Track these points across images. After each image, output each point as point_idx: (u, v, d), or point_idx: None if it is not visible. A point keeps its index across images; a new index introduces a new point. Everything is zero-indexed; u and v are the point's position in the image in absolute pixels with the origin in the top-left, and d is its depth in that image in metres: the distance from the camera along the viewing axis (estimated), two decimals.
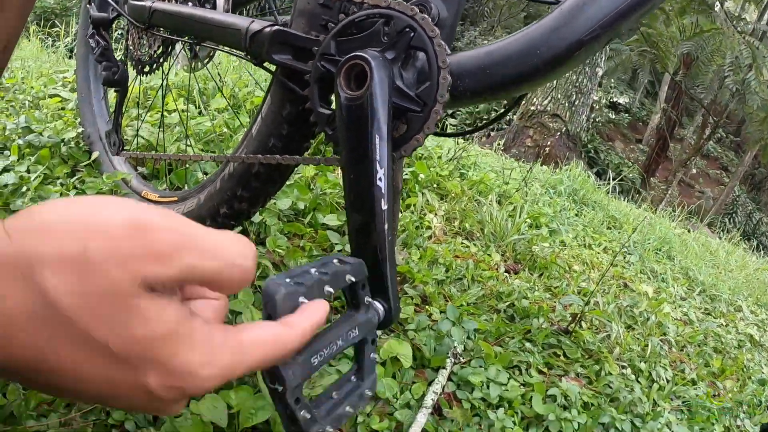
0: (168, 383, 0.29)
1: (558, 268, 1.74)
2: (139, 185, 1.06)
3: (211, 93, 1.76)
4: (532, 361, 1.19)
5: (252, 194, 0.85)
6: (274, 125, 0.78)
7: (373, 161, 0.59)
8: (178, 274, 0.29)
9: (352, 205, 0.62)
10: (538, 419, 1.05)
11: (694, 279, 2.33)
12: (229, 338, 0.32)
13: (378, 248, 0.60)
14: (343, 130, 0.61)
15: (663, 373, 1.38)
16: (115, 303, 0.27)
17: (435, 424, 0.93)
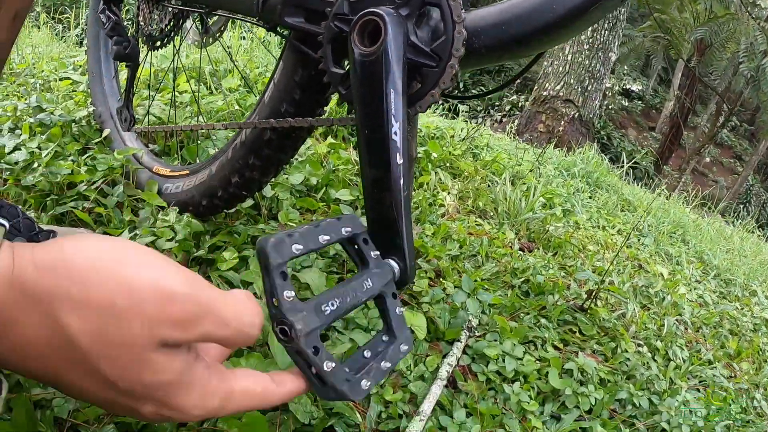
0: (160, 415, 0.34)
1: (572, 248, 1.69)
2: (150, 161, 1.04)
3: (222, 74, 1.72)
4: (547, 336, 1.15)
5: (263, 163, 0.83)
6: (286, 90, 0.76)
7: (388, 115, 0.56)
8: (193, 339, 0.33)
9: (368, 161, 0.59)
10: (554, 394, 1.02)
11: (709, 263, 2.27)
12: (222, 386, 0.36)
13: (393, 203, 0.58)
14: (357, 86, 0.59)
15: (679, 352, 1.34)
16: (131, 353, 0.31)
17: (450, 397, 0.91)
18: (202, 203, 0.90)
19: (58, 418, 0.56)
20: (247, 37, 2.29)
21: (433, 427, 0.83)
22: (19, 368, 0.31)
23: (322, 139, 1.62)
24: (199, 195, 0.90)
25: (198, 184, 0.90)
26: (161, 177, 0.98)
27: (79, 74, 1.41)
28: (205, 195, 0.89)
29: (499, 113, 6.17)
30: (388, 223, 0.59)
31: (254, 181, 0.85)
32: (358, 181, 1.39)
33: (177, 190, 0.94)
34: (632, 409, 1.06)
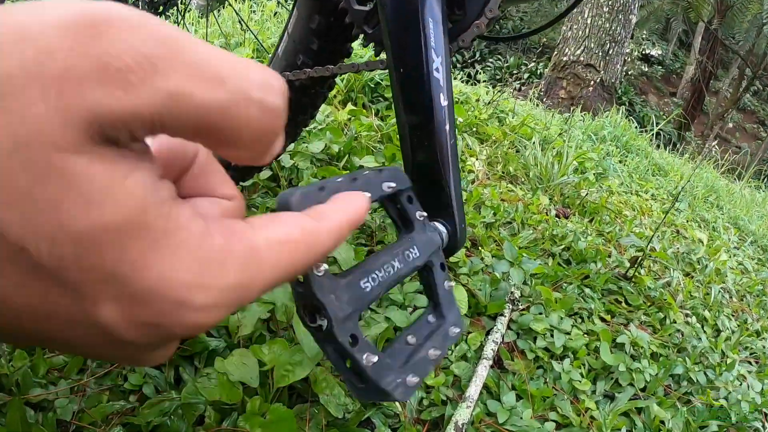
0: (133, 315, 0.16)
1: (608, 213, 1.55)
2: None
3: (233, 46, 1.58)
4: (593, 307, 1.03)
5: None
6: (302, 41, 0.65)
7: (427, 49, 0.45)
8: (152, 109, 0.14)
9: (405, 105, 0.47)
10: (605, 370, 0.91)
11: (745, 229, 2.10)
12: (236, 245, 0.18)
13: (439, 154, 0.46)
14: (387, 18, 0.47)
15: (728, 322, 1.21)
16: (37, 164, 0.14)
17: (496, 378, 0.80)
18: None
19: (61, 420, 0.46)
20: (257, 8, 2.13)
21: (481, 413, 0.73)
22: None
23: (341, 106, 1.48)
24: None
25: None
26: None
27: None
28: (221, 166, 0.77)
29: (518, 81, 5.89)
30: (433, 178, 0.47)
31: None
32: (382, 148, 1.26)
33: None
34: (687, 385, 0.94)
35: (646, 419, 0.85)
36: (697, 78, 7.48)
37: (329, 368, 0.65)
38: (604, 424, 0.81)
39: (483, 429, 0.72)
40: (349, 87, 1.56)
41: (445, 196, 0.47)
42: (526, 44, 8.18)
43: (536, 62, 6.30)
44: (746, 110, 10.21)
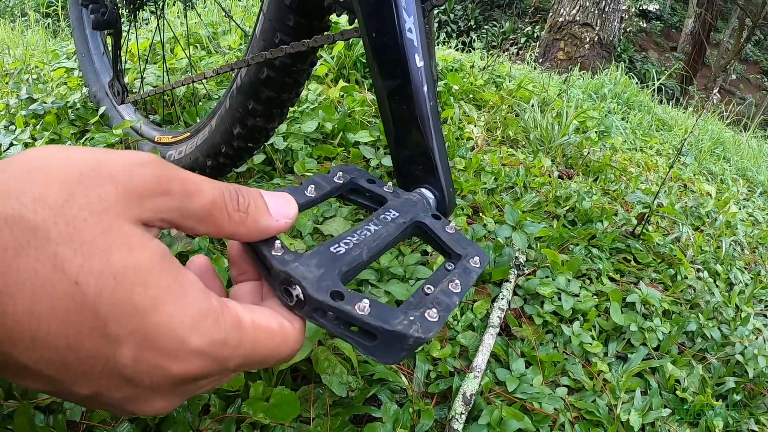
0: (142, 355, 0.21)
1: (613, 171, 1.49)
2: (151, 131, 0.89)
3: (220, 34, 1.50)
4: (602, 267, 0.98)
5: (265, 106, 0.66)
6: (278, 19, 0.60)
7: (398, 10, 0.41)
8: None
9: (380, 71, 0.43)
10: (617, 331, 0.87)
11: (753, 179, 2.02)
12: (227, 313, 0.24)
13: (419, 117, 0.42)
14: None
15: (740, 275, 1.16)
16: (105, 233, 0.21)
17: (504, 346, 0.76)
18: (207, 164, 0.75)
19: (71, 421, 0.44)
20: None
21: (490, 383, 0.69)
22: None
23: (333, 84, 1.42)
24: (203, 156, 0.74)
25: (200, 144, 0.74)
26: (164, 145, 0.83)
27: (73, 62, 1.23)
28: (209, 154, 0.73)
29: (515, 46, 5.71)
30: (415, 143, 0.43)
31: (259, 129, 0.68)
32: (377, 122, 1.20)
33: (180, 156, 0.78)
34: (702, 341, 0.90)
35: (660, 379, 0.81)
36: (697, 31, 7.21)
37: (330, 347, 0.62)
38: (617, 386, 0.77)
39: (492, 398, 0.68)
40: (341, 64, 1.49)
41: (428, 161, 0.43)
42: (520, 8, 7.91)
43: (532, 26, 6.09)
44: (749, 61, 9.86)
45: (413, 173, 0.44)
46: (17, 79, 1.26)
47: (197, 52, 1.34)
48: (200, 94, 1.09)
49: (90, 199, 0.20)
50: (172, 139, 0.83)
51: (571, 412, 0.73)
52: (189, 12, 1.50)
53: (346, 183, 0.38)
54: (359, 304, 0.27)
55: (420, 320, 0.28)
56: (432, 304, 0.29)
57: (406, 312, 0.28)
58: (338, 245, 0.31)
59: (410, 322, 0.27)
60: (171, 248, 0.65)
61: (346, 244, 0.32)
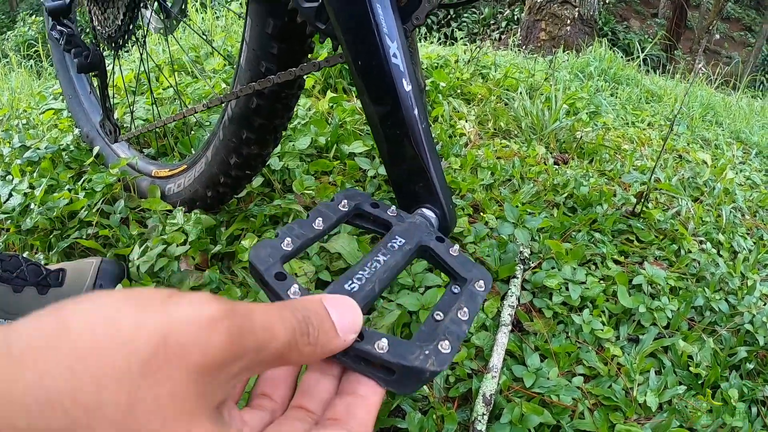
0: None
1: (607, 150, 1.49)
2: (147, 166, 0.90)
3: (204, 58, 1.51)
4: (605, 251, 1.00)
5: (258, 134, 0.67)
6: (261, 47, 0.61)
7: (381, 36, 0.42)
8: None
9: (369, 97, 0.45)
10: (626, 314, 0.88)
11: (747, 141, 2.03)
12: None
13: (413, 140, 0.43)
14: (335, 12, 0.44)
15: (743, 242, 1.17)
16: None
17: (518, 342, 0.77)
18: (207, 195, 0.76)
19: None
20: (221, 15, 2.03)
21: (508, 380, 0.71)
22: None
23: (321, 95, 1.43)
24: (202, 187, 0.75)
25: (198, 176, 0.76)
26: (162, 179, 0.84)
27: (60, 102, 1.24)
28: (208, 185, 0.74)
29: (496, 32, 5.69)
30: (411, 166, 0.45)
31: (255, 156, 0.69)
32: (369, 129, 1.21)
33: (180, 189, 0.80)
34: (710, 314, 0.91)
35: (673, 357, 0.82)
36: None
37: None
38: (631, 369, 0.78)
39: (511, 396, 0.70)
40: (326, 74, 1.50)
41: (426, 181, 0.44)
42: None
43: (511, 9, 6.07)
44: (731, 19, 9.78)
45: (412, 193, 0.46)
46: (6, 126, 1.28)
47: (182, 78, 1.35)
48: (192, 123, 1.10)
49: (160, 400, 0.16)
50: (170, 172, 0.85)
51: (589, 400, 0.74)
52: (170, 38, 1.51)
53: (351, 210, 0.40)
54: (378, 343, 0.28)
55: (434, 353, 0.29)
56: (444, 335, 0.31)
57: (421, 346, 0.30)
58: (352, 282, 0.33)
59: (425, 357, 0.29)
60: (183, 284, 0.67)
61: (359, 280, 0.33)
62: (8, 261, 0.60)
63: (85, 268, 0.65)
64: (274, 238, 0.34)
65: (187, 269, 0.69)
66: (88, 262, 0.67)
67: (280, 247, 0.33)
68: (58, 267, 0.65)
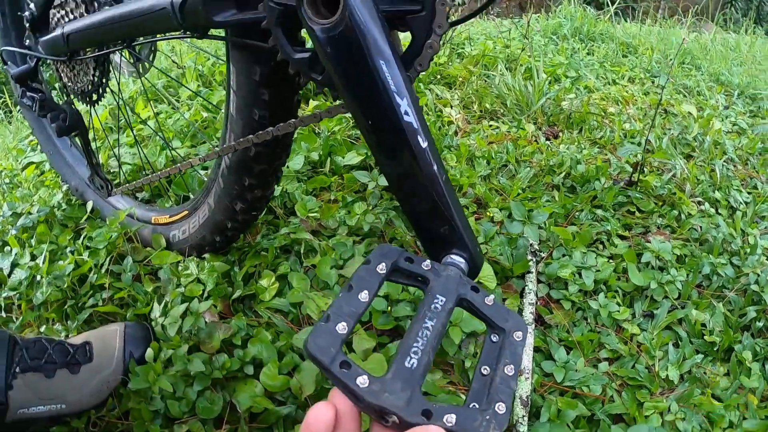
0: None
1: (595, 117, 1.51)
2: (146, 213, 0.88)
3: (177, 85, 1.47)
4: (610, 228, 1.02)
5: (260, 179, 0.67)
6: (251, 95, 0.59)
7: (389, 95, 0.42)
8: None
9: (384, 157, 0.45)
10: (638, 291, 0.91)
11: (728, 83, 2.05)
12: None
13: (435, 195, 0.45)
14: (335, 71, 0.43)
15: (739, 196, 1.20)
16: None
17: (542, 336, 0.80)
18: (216, 240, 0.76)
19: None
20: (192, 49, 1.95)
21: (539, 378, 0.74)
22: None
23: (303, 105, 1.41)
24: (209, 233, 0.75)
25: (204, 223, 0.75)
26: (164, 226, 0.83)
27: (39, 153, 1.19)
28: (216, 231, 0.74)
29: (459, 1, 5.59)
30: (436, 218, 0.46)
31: (259, 198, 0.70)
32: (359, 135, 1.21)
33: (185, 235, 0.79)
34: (717, 279, 0.95)
35: (687, 327, 0.86)
36: None
37: None
38: (650, 346, 0.82)
39: (545, 393, 0.73)
40: None
41: (452, 230, 0.45)
42: None
43: None
44: None
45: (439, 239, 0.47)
46: None
47: (159, 108, 1.32)
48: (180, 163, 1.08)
49: None
50: (171, 218, 0.84)
51: (615, 382, 0.78)
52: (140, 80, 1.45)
53: (389, 271, 0.41)
54: (447, 417, 0.31)
55: (494, 417, 0.33)
56: (497, 396, 0.34)
57: (481, 412, 0.33)
58: (410, 357, 0.35)
59: (488, 423, 0.32)
60: (212, 338, 0.68)
61: (416, 354, 0.35)
62: (33, 347, 0.60)
63: (110, 336, 0.66)
64: (324, 321, 0.35)
65: (212, 320, 0.70)
66: (111, 329, 0.67)
67: (335, 332, 0.34)
68: (83, 340, 0.65)
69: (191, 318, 0.66)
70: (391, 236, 0.93)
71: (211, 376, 0.62)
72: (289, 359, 0.65)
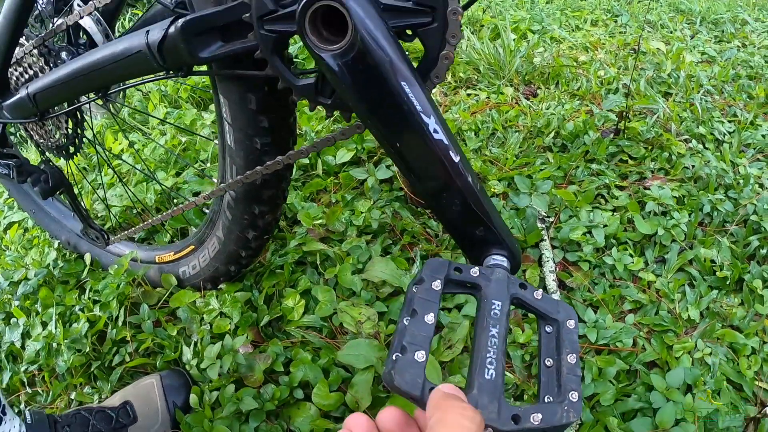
0: None
1: (569, 68, 1.52)
2: (148, 254, 0.86)
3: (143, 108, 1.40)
4: (608, 181, 1.05)
5: (270, 204, 0.66)
6: (249, 125, 0.57)
7: (415, 116, 0.42)
8: None
9: (419, 176, 0.46)
10: (647, 239, 0.95)
11: (688, 11, 2.09)
12: None
13: (474, 205, 0.46)
14: (353, 98, 0.42)
15: (722, 127, 1.24)
16: None
17: (567, 300, 0.83)
18: (230, 270, 0.75)
19: None
20: None
21: None
22: None
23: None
24: (223, 265, 0.74)
25: (216, 256, 0.74)
26: (170, 264, 0.81)
27: (17, 210, 1.13)
28: (230, 262, 0.73)
29: None
30: (475, 225, 0.47)
31: (271, 222, 0.69)
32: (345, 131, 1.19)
33: (196, 270, 0.78)
34: (718, 214, 0.99)
35: (698, 266, 0.90)
36: None
37: None
38: (668, 290, 0.86)
39: (583, 355, 0.76)
40: None
41: (489, 232, 0.46)
42: None
43: None
44: None
45: (479, 245, 0.48)
46: None
47: (131, 137, 1.27)
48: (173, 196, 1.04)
49: None
50: (176, 255, 0.82)
51: (643, 331, 0.82)
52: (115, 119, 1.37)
53: (444, 286, 0.42)
54: (533, 416, 0.34)
55: (571, 406, 0.36)
56: (568, 386, 0.37)
57: (560, 403, 0.36)
58: (487, 369, 0.37)
59: (567, 412, 0.36)
60: (254, 370, 0.68)
61: (491, 365, 0.37)
62: (75, 422, 0.59)
63: (148, 390, 0.65)
64: (400, 352, 0.36)
65: (248, 351, 0.70)
66: (147, 383, 0.66)
67: (416, 361, 0.35)
68: (121, 400, 0.65)
69: (229, 356, 0.65)
70: (401, 228, 0.94)
71: (263, 410, 0.62)
72: (336, 375, 0.66)
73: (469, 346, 0.73)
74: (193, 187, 1.03)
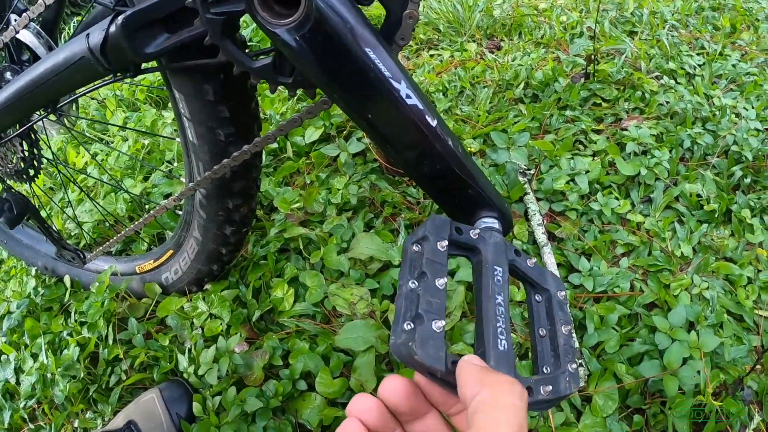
0: None
1: (530, 18, 1.50)
2: (127, 265, 0.82)
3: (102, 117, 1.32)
4: (584, 126, 1.05)
5: (243, 196, 0.64)
6: (210, 117, 0.54)
7: (385, 83, 0.39)
8: None
9: (396, 147, 0.44)
10: (631, 180, 0.95)
11: None
12: None
13: (457, 168, 0.44)
14: (315, 72, 0.39)
15: (691, 60, 1.25)
16: None
17: (559, 251, 0.83)
18: (213, 269, 0.72)
19: None
20: None
21: (572, 292, 0.77)
22: None
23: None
24: (205, 265, 0.71)
25: (196, 257, 0.71)
26: (152, 272, 0.78)
27: None
28: (211, 261, 0.71)
29: None
30: (461, 188, 0.46)
31: (248, 214, 0.66)
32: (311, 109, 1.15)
33: (179, 275, 0.75)
34: (698, 148, 1.00)
35: (685, 202, 0.92)
36: None
37: None
38: (658, 229, 0.87)
39: (583, 305, 0.77)
40: None
41: (480, 196, 0.45)
42: None
43: None
44: None
45: (468, 208, 0.47)
46: None
47: (93, 149, 1.20)
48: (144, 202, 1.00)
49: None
50: (156, 263, 0.79)
51: (638, 272, 0.83)
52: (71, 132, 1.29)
53: (449, 245, 0.40)
54: (543, 388, 0.35)
55: (572, 377, 0.37)
56: (566, 357, 0.38)
57: (563, 374, 0.37)
58: (499, 339, 0.36)
59: (569, 383, 0.37)
60: (254, 367, 0.66)
61: (501, 334, 0.36)
62: None
63: (150, 405, 0.63)
64: (415, 321, 0.34)
65: (243, 350, 0.68)
66: (148, 398, 0.64)
67: (434, 331, 0.33)
68: (125, 419, 0.63)
69: (225, 358, 0.63)
70: (381, 200, 0.92)
71: (269, 407, 0.61)
72: (336, 361, 0.65)
73: (467, 312, 0.73)
74: (163, 190, 0.99)
